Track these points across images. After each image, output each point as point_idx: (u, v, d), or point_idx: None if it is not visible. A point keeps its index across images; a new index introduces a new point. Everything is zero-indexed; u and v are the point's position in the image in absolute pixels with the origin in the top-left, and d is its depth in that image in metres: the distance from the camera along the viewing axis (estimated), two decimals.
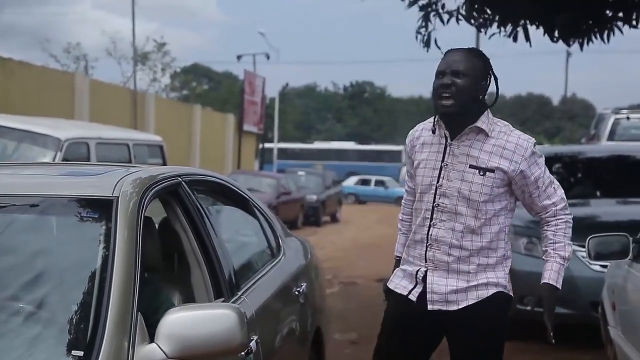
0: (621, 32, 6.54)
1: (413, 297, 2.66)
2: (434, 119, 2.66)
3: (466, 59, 2.56)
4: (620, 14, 6.46)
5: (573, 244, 5.27)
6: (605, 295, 4.45)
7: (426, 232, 2.63)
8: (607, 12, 6.51)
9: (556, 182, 2.69)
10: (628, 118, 11.64)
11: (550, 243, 2.67)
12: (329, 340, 3.91)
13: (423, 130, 2.71)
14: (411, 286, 2.67)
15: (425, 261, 2.63)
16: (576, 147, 9.55)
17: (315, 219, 19.59)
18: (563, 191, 2.70)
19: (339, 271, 10.23)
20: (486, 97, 2.66)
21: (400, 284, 2.72)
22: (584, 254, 4.46)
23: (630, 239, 3.92)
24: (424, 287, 2.63)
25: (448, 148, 2.60)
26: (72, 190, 2.33)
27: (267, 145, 34.27)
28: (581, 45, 6.80)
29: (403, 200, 2.91)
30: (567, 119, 52.62)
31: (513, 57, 67.19)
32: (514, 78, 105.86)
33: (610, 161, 7.28)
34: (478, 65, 2.57)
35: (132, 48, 26.31)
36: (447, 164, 2.59)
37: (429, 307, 2.62)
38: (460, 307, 2.59)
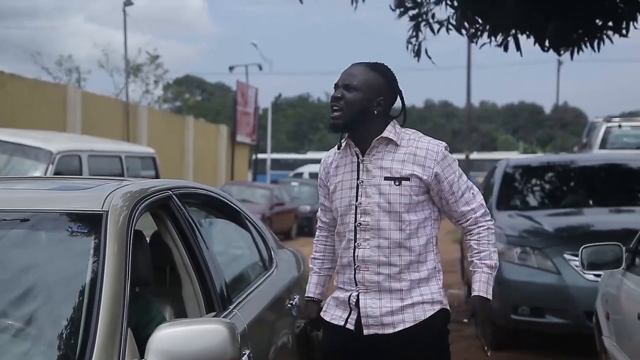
0: (611, 41, 6.56)
1: (351, 325, 2.56)
2: (341, 138, 2.62)
3: (362, 74, 2.54)
4: (610, 23, 6.48)
5: (567, 253, 5.42)
6: (599, 305, 4.44)
7: (352, 254, 2.55)
8: (597, 21, 6.53)
9: (475, 189, 2.63)
10: (620, 126, 11.68)
11: (476, 253, 2.59)
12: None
13: (335, 155, 2.66)
14: (346, 314, 2.58)
15: (356, 284, 2.55)
16: (568, 156, 9.56)
17: (310, 230, 19.49)
18: (482, 197, 2.64)
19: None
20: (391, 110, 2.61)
21: (335, 314, 2.62)
22: (578, 263, 4.45)
23: (624, 248, 3.91)
24: (359, 313, 2.54)
25: (361, 165, 2.55)
26: (61, 205, 2.32)
27: (260, 155, 34.27)
28: (572, 54, 6.82)
29: (315, 238, 2.81)
30: (559, 127, 52.82)
31: (505, 66, 67.56)
32: (506, 87, 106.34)
33: (603, 170, 7.28)
34: (375, 81, 2.54)
35: (124, 60, 26.32)
36: (362, 181, 2.54)
37: (365, 331, 2.52)
38: (397, 330, 2.51)
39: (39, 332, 1.97)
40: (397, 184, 2.50)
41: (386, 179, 2.51)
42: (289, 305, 3.25)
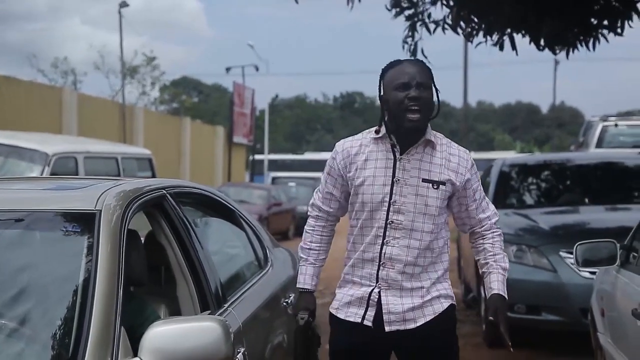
0: (606, 40, 6.58)
1: (368, 322, 2.54)
2: (365, 132, 2.60)
3: (426, 71, 2.53)
4: (605, 22, 6.49)
5: (563, 251, 5.43)
6: (594, 302, 4.45)
7: (378, 250, 2.53)
8: (592, 20, 6.55)
9: (487, 198, 2.70)
10: (616, 125, 11.69)
11: (490, 255, 2.63)
12: (319, 351, 3.88)
13: (362, 147, 2.58)
14: (362, 311, 2.55)
15: (377, 281, 2.54)
16: (565, 155, 9.58)
17: None
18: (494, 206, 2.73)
19: (330, 281, 10.11)
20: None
21: (349, 311, 2.59)
22: (573, 261, 4.46)
23: (618, 245, 3.92)
24: (377, 309, 2.54)
25: (398, 163, 2.52)
26: (55, 204, 2.32)
27: (257, 156, 34.26)
28: (567, 54, 6.84)
29: (309, 227, 2.70)
30: (557, 127, 52.83)
31: (502, 65, 67.56)
32: (503, 87, 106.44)
33: (599, 168, 7.30)
34: (431, 78, 2.55)
35: (120, 62, 26.28)
36: (398, 180, 2.51)
37: (387, 328, 2.53)
38: (418, 324, 2.54)
39: (33, 332, 1.97)
40: (435, 187, 2.52)
41: (424, 180, 2.51)
42: (284, 303, 3.25)
